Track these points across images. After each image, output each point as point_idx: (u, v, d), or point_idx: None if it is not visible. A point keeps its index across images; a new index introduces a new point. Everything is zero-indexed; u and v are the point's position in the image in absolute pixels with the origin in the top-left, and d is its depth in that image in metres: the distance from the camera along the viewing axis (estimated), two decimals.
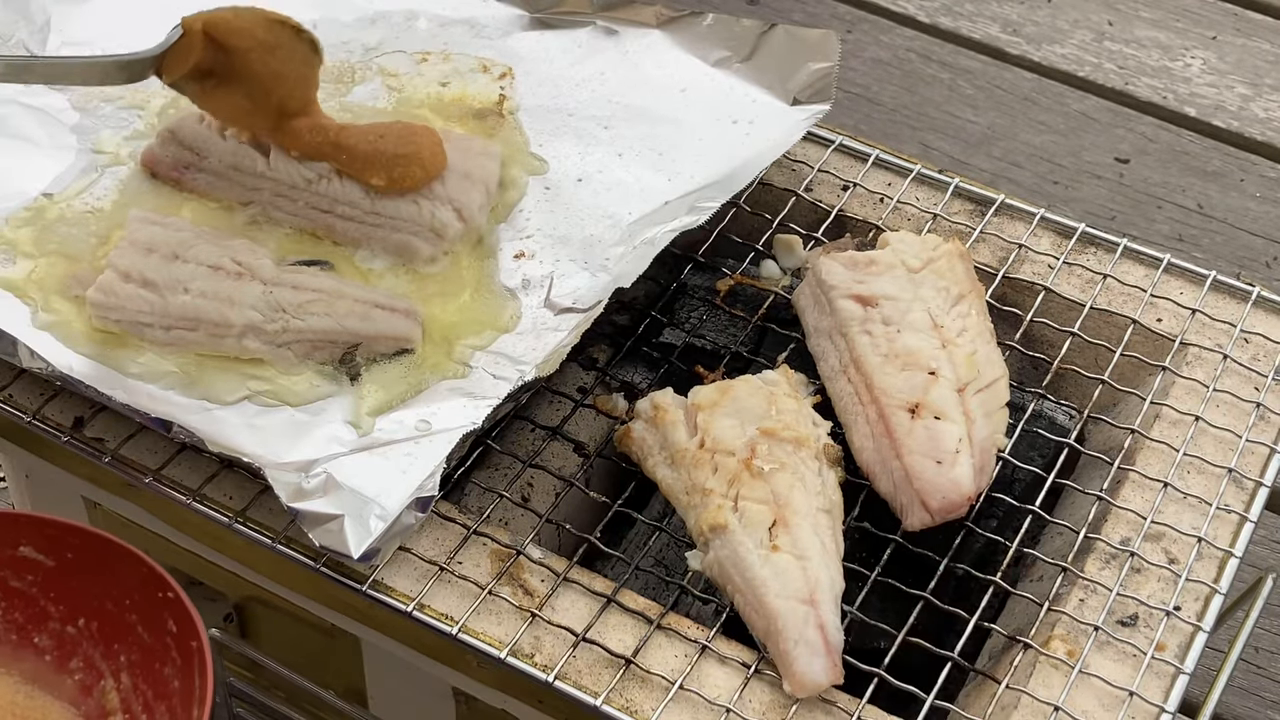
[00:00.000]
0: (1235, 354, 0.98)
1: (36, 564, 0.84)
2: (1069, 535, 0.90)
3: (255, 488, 0.89)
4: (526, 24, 1.19)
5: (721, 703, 0.81)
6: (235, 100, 1.00)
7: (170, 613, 0.80)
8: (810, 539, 0.84)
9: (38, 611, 0.85)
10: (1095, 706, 0.81)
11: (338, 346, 0.93)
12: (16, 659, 0.84)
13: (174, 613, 0.80)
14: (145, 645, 0.82)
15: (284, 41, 0.99)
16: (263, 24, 0.99)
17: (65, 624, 0.85)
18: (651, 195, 1.04)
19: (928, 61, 1.89)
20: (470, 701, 0.92)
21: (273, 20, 0.99)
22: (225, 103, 1.01)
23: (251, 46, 0.98)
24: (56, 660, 0.84)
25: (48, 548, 0.84)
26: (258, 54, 0.98)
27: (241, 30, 0.98)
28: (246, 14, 0.99)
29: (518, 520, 0.93)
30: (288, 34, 0.99)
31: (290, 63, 0.99)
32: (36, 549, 0.84)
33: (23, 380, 0.94)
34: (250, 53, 0.98)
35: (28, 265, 0.98)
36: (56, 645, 0.85)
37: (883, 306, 0.94)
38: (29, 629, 0.85)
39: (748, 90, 1.12)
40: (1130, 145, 1.78)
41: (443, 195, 1.00)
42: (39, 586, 0.85)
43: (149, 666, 0.82)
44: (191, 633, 0.79)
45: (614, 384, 1.00)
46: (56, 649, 0.85)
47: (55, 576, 0.84)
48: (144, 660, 0.82)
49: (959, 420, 0.89)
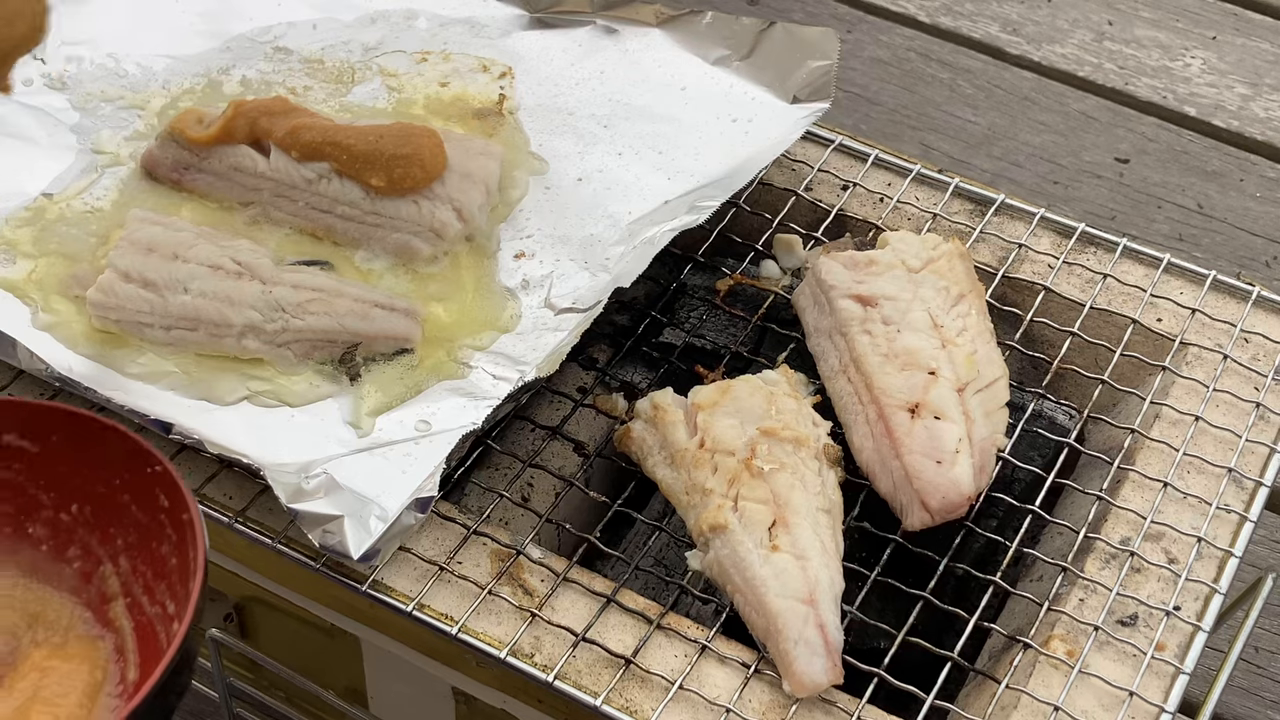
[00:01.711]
0: (1235, 354, 0.98)
1: (21, 451, 0.82)
2: (1069, 535, 0.90)
3: (255, 488, 0.89)
4: (526, 23, 1.19)
5: (721, 703, 0.81)
6: None
7: (160, 487, 0.79)
8: (810, 539, 0.84)
9: (29, 500, 0.83)
10: (1095, 706, 0.81)
11: (337, 346, 0.93)
12: (13, 551, 0.82)
13: (163, 487, 0.78)
14: (140, 525, 0.80)
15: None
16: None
17: (58, 511, 0.83)
18: (651, 194, 1.04)
19: (928, 61, 1.89)
20: (470, 701, 0.92)
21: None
22: None
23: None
24: (53, 549, 0.83)
25: (30, 433, 0.82)
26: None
27: None
28: None
29: (518, 520, 0.93)
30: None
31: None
32: (19, 435, 0.82)
33: (22, 380, 0.94)
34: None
35: (28, 265, 0.98)
36: (52, 534, 0.83)
37: (883, 306, 0.94)
38: (22, 519, 0.83)
39: (747, 89, 1.12)
40: (1130, 145, 1.78)
41: (443, 195, 1.00)
42: (27, 475, 0.83)
43: (146, 546, 0.80)
44: (181, 505, 0.77)
45: (614, 384, 1.00)
46: (52, 538, 0.83)
47: (42, 462, 0.82)
48: (141, 541, 0.81)
49: (959, 420, 0.89)
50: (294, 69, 1.14)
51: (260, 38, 1.16)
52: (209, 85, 1.12)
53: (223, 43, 1.15)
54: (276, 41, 1.16)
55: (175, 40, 1.15)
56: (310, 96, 1.11)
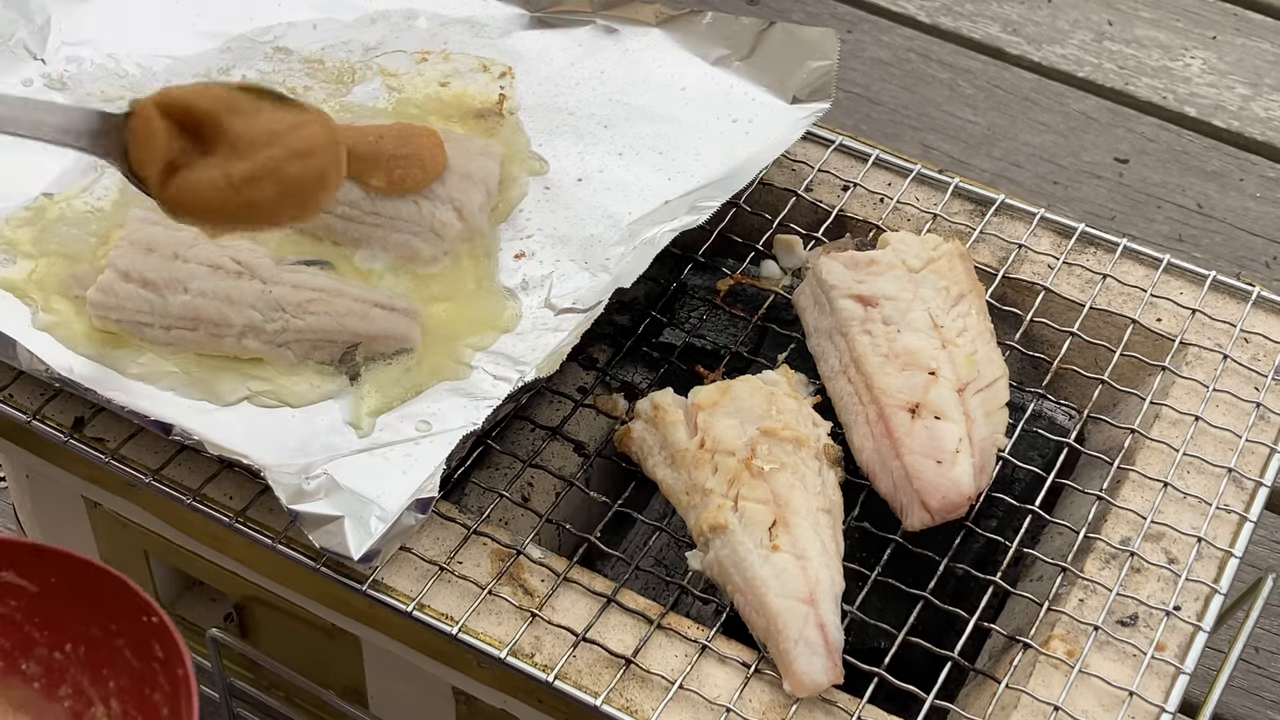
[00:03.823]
0: (1235, 354, 0.98)
1: (19, 589, 0.83)
2: (1069, 535, 0.90)
3: (255, 488, 0.89)
4: (526, 23, 1.19)
5: (721, 703, 0.81)
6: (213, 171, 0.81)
7: (156, 638, 0.80)
8: (810, 539, 0.84)
9: (23, 637, 0.84)
10: (1095, 706, 0.81)
11: (337, 346, 0.93)
12: (5, 686, 0.83)
13: (159, 638, 0.79)
14: (134, 671, 0.81)
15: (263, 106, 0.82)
16: (228, 89, 0.83)
17: (52, 649, 0.83)
18: (651, 194, 1.04)
19: (928, 61, 1.89)
20: (470, 701, 0.92)
21: (238, 88, 0.83)
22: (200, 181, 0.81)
23: (224, 110, 0.80)
24: (45, 687, 0.83)
25: (30, 573, 0.83)
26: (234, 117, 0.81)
27: (206, 93, 0.81)
28: (203, 85, 0.83)
29: (518, 520, 0.93)
30: (267, 100, 0.83)
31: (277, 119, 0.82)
32: (18, 574, 0.83)
33: (23, 380, 0.94)
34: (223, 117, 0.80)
35: (28, 265, 0.98)
36: (45, 671, 0.84)
37: (883, 306, 0.94)
38: (16, 655, 0.84)
39: (747, 89, 1.12)
40: (1130, 145, 1.78)
41: (443, 195, 1.00)
42: (23, 612, 0.84)
43: (138, 692, 0.81)
44: (177, 660, 0.78)
45: (614, 384, 1.00)
46: (45, 675, 0.84)
47: (39, 602, 0.83)
48: (133, 686, 0.81)
49: (959, 420, 0.89)
50: (294, 69, 1.14)
51: (260, 38, 1.16)
52: None
53: (223, 43, 1.15)
54: (276, 41, 1.16)
55: (175, 40, 1.15)
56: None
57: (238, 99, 0.82)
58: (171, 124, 0.81)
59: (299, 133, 0.82)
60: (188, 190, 0.81)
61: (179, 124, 0.81)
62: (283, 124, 0.82)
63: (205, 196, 0.81)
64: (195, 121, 0.81)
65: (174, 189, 0.81)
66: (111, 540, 1.04)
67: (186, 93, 0.81)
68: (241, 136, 0.81)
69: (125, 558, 1.05)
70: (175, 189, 0.81)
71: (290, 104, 0.83)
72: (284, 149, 0.81)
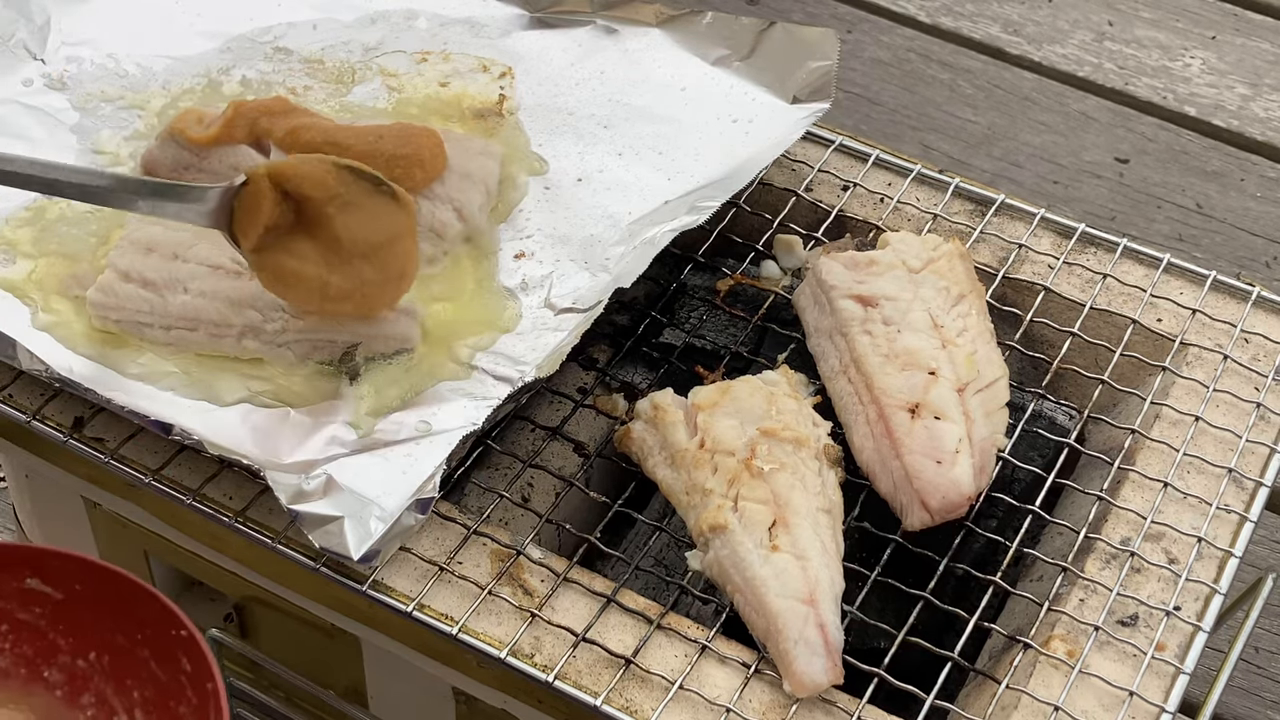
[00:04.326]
0: (1235, 354, 0.98)
1: (44, 596, 0.83)
2: (1069, 535, 0.90)
3: (255, 488, 0.89)
4: (526, 23, 1.19)
5: (721, 703, 0.81)
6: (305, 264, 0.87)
7: (184, 651, 0.79)
8: (810, 539, 0.84)
9: (47, 645, 0.83)
10: (1095, 706, 0.81)
11: (337, 346, 0.93)
12: (27, 694, 0.83)
13: (188, 651, 0.79)
14: (159, 682, 0.81)
15: (360, 195, 0.87)
16: (333, 171, 0.87)
17: (75, 657, 0.83)
18: (651, 194, 1.04)
19: (928, 61, 1.89)
20: (470, 701, 0.92)
21: (342, 167, 0.87)
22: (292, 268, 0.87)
23: (327, 199, 0.86)
24: (68, 695, 0.83)
25: (55, 580, 0.83)
26: (335, 209, 0.86)
27: (312, 177, 0.86)
28: (313, 160, 0.87)
29: (518, 520, 0.93)
30: (365, 185, 0.88)
31: (371, 219, 0.88)
32: (43, 581, 0.83)
33: (23, 380, 0.94)
34: (327, 206, 0.86)
35: (28, 265, 0.98)
36: (67, 680, 0.83)
37: (883, 307, 0.94)
38: (38, 663, 0.83)
39: (747, 89, 1.12)
40: (1130, 145, 1.78)
41: (443, 195, 1.00)
42: (47, 619, 0.83)
43: (163, 704, 0.80)
44: (206, 674, 0.78)
45: (614, 384, 1.00)
46: (67, 683, 0.83)
47: (63, 609, 0.83)
48: (158, 697, 0.81)
49: (959, 420, 0.89)
50: (294, 69, 1.14)
51: (260, 38, 1.16)
52: (209, 85, 1.12)
53: (223, 43, 1.15)
54: (276, 42, 1.16)
55: (175, 40, 1.15)
56: (310, 96, 1.11)
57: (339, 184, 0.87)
58: (278, 194, 0.86)
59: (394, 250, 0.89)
60: (287, 278, 0.88)
61: (283, 193, 0.87)
62: (379, 232, 0.88)
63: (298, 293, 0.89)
64: (300, 198, 0.87)
65: (271, 268, 0.88)
66: (111, 540, 1.04)
67: (299, 169, 0.87)
68: (341, 240, 0.87)
69: (125, 558, 1.05)
70: (273, 269, 0.88)
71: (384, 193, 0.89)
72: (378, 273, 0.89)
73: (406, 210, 0.90)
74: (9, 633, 0.84)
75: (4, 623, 0.83)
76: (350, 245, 0.88)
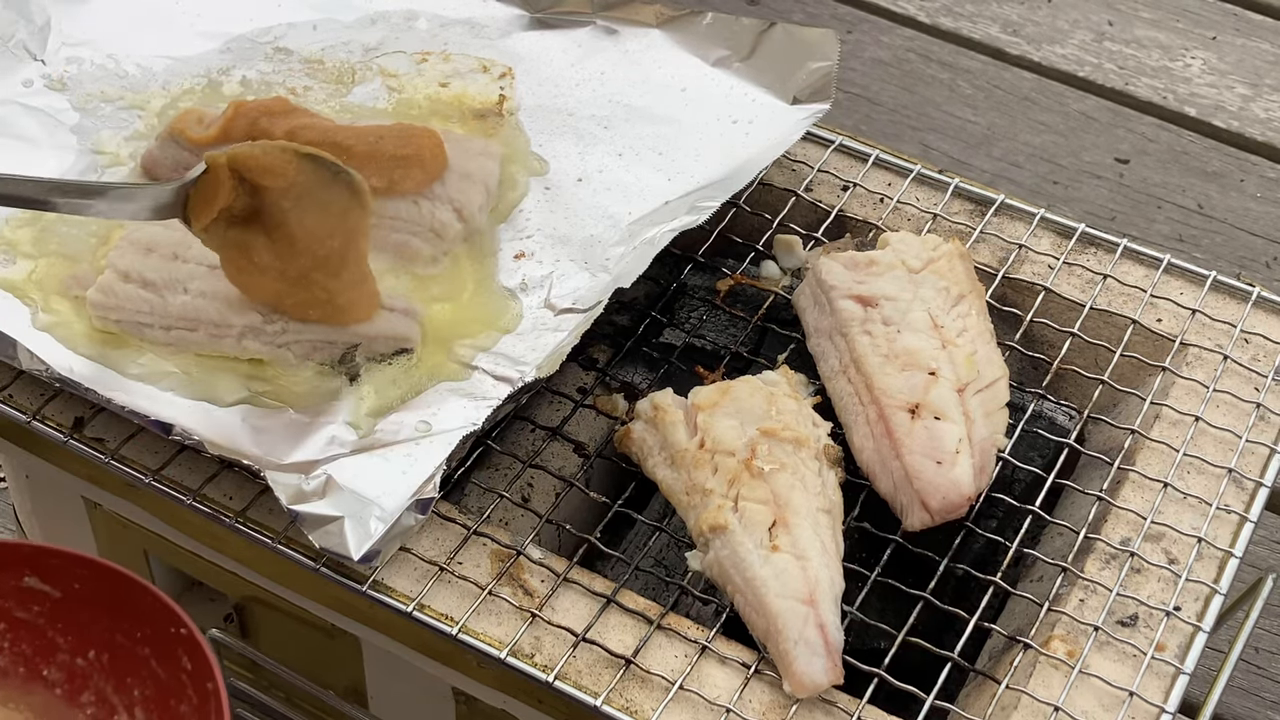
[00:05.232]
0: (1235, 354, 0.98)
1: (42, 595, 0.83)
2: (1069, 535, 0.90)
3: (255, 488, 0.89)
4: (526, 24, 1.19)
5: (721, 703, 0.81)
6: (259, 256, 0.89)
7: (184, 649, 0.79)
8: (810, 539, 0.84)
9: (46, 643, 0.83)
10: (1095, 707, 0.81)
11: (337, 346, 0.93)
12: (26, 692, 0.83)
13: (188, 649, 0.79)
14: (159, 680, 0.80)
15: (316, 186, 0.89)
16: (293, 161, 0.88)
17: (75, 656, 0.83)
18: (651, 195, 1.04)
19: (928, 61, 1.89)
20: (470, 701, 0.92)
21: (303, 156, 0.88)
22: (248, 259, 0.90)
23: (284, 189, 0.87)
24: (67, 694, 0.83)
25: (53, 578, 0.82)
26: (290, 200, 0.88)
27: (272, 168, 0.87)
28: (274, 150, 0.88)
29: (518, 520, 0.93)
30: (323, 175, 0.89)
31: (325, 213, 0.89)
32: (42, 579, 0.83)
33: (23, 380, 0.94)
34: (282, 199, 0.88)
35: (28, 265, 0.98)
36: (67, 678, 0.83)
37: (883, 307, 0.94)
38: (37, 661, 0.83)
39: (747, 90, 1.12)
40: (1130, 145, 1.78)
41: (443, 195, 1.00)
42: (46, 618, 0.83)
43: (164, 702, 0.80)
44: (206, 673, 0.77)
45: (614, 384, 1.00)
46: (67, 682, 0.83)
47: (62, 608, 0.83)
48: (158, 695, 0.80)
49: (959, 420, 0.89)
50: (294, 69, 1.14)
51: (260, 38, 1.16)
52: (209, 85, 1.12)
53: (223, 43, 1.15)
54: (277, 42, 1.16)
55: (175, 40, 1.15)
56: (310, 97, 1.11)
57: (297, 173, 0.88)
58: (235, 180, 0.87)
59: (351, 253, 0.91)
60: (245, 269, 0.90)
61: (240, 179, 0.87)
62: (334, 231, 0.90)
63: (254, 288, 0.91)
64: (256, 187, 0.88)
65: (229, 258, 0.90)
66: (111, 540, 1.04)
67: (260, 160, 0.87)
68: (295, 237, 0.89)
69: (125, 558, 1.05)
70: (231, 260, 0.90)
71: (341, 182, 0.90)
72: (332, 278, 0.90)
73: (361, 204, 0.90)
74: (7, 631, 0.83)
75: (2, 621, 0.83)
76: (305, 241, 0.89)
